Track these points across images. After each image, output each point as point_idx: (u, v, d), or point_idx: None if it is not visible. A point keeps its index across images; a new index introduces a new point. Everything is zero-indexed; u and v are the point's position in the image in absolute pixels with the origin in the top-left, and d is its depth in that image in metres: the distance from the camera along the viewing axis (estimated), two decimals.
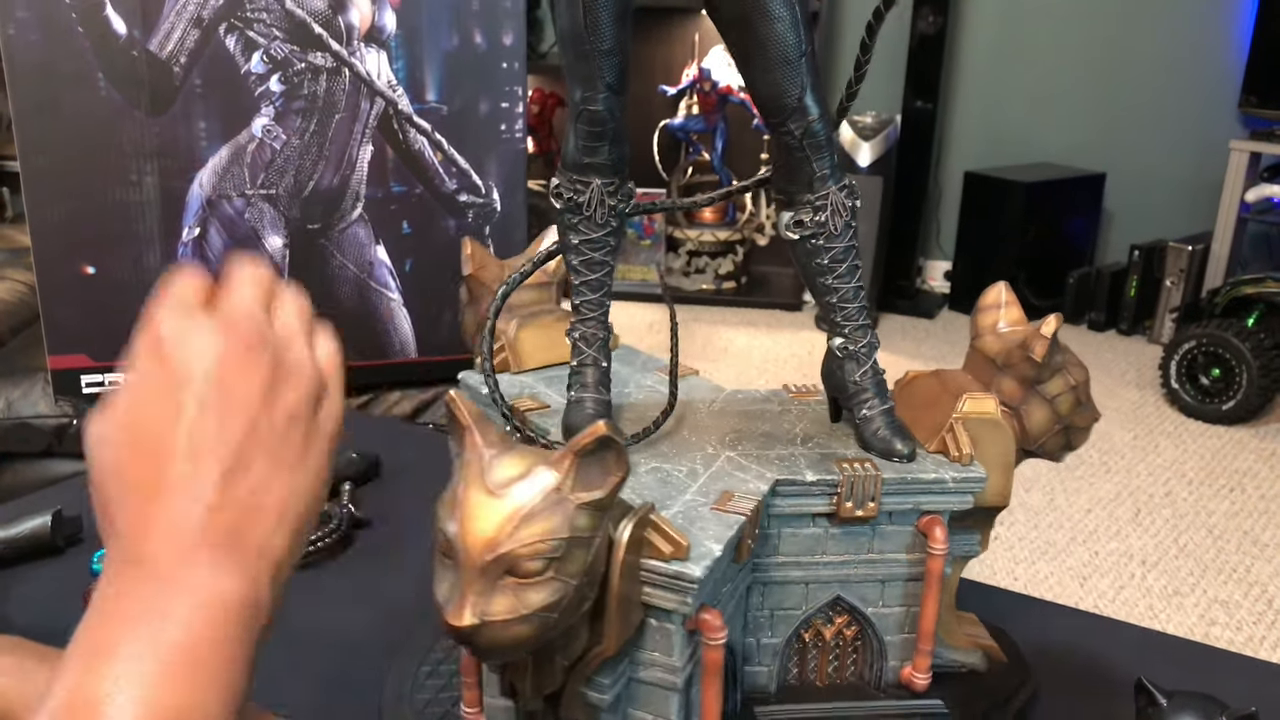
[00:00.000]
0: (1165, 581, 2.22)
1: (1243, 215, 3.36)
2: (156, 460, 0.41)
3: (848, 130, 3.53)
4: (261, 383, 0.44)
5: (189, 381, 0.42)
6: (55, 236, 1.28)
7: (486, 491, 0.49)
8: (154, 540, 0.40)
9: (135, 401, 0.43)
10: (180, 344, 0.43)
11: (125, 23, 1.24)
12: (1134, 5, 3.74)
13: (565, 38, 0.61)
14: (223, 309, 0.45)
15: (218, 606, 0.39)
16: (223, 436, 0.42)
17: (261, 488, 0.43)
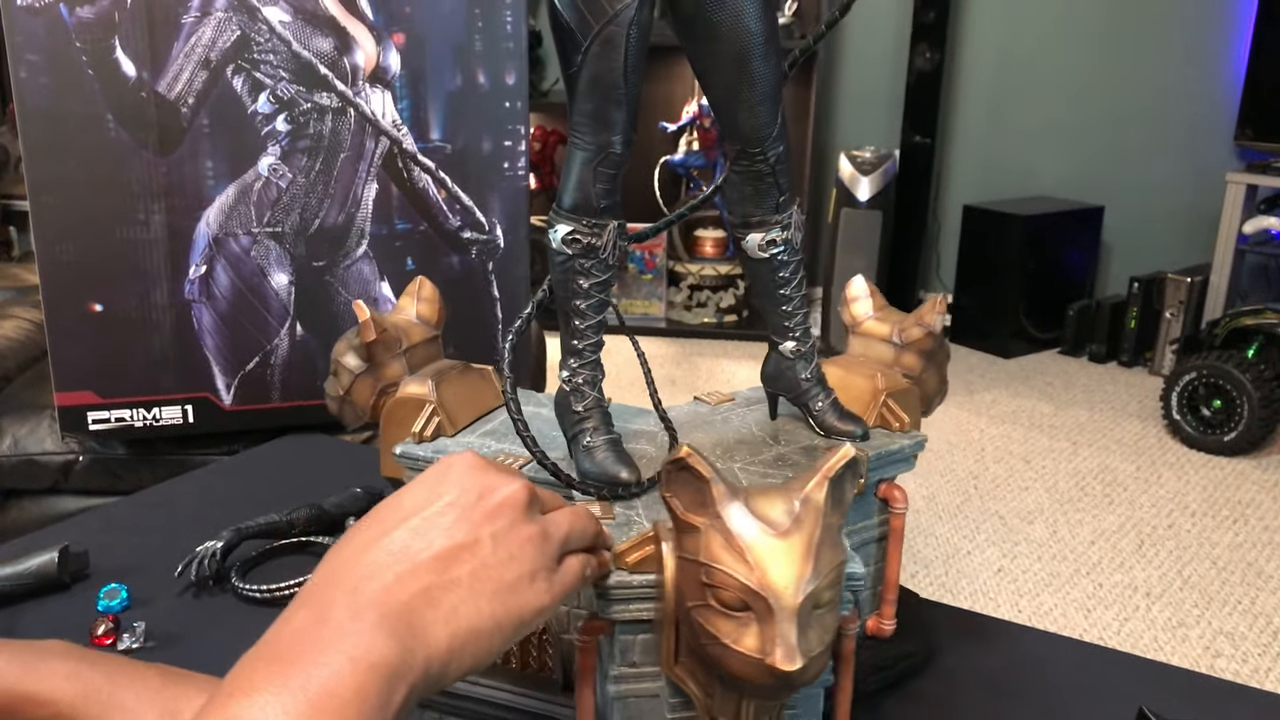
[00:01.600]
0: (1170, 613, 2.21)
1: (1240, 247, 3.38)
2: (383, 526, 0.47)
3: (847, 165, 3.56)
4: (508, 522, 0.49)
5: (455, 485, 0.49)
6: (64, 274, 1.29)
7: (775, 535, 0.49)
8: (339, 589, 0.44)
9: (405, 490, 0.50)
10: (467, 467, 0.50)
11: (134, 64, 1.27)
12: (1129, 40, 3.78)
13: (595, 84, 0.61)
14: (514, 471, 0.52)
15: (368, 665, 0.41)
16: (449, 531, 0.47)
17: (450, 588, 0.46)
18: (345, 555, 0.47)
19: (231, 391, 1.38)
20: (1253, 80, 3.44)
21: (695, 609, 0.50)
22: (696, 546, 0.49)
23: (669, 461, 0.50)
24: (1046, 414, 3.30)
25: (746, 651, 0.48)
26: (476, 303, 1.44)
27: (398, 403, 0.73)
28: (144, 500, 1.11)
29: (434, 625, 0.45)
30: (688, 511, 0.50)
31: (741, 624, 0.48)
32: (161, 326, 1.33)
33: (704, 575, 0.49)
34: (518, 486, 0.50)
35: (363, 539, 0.47)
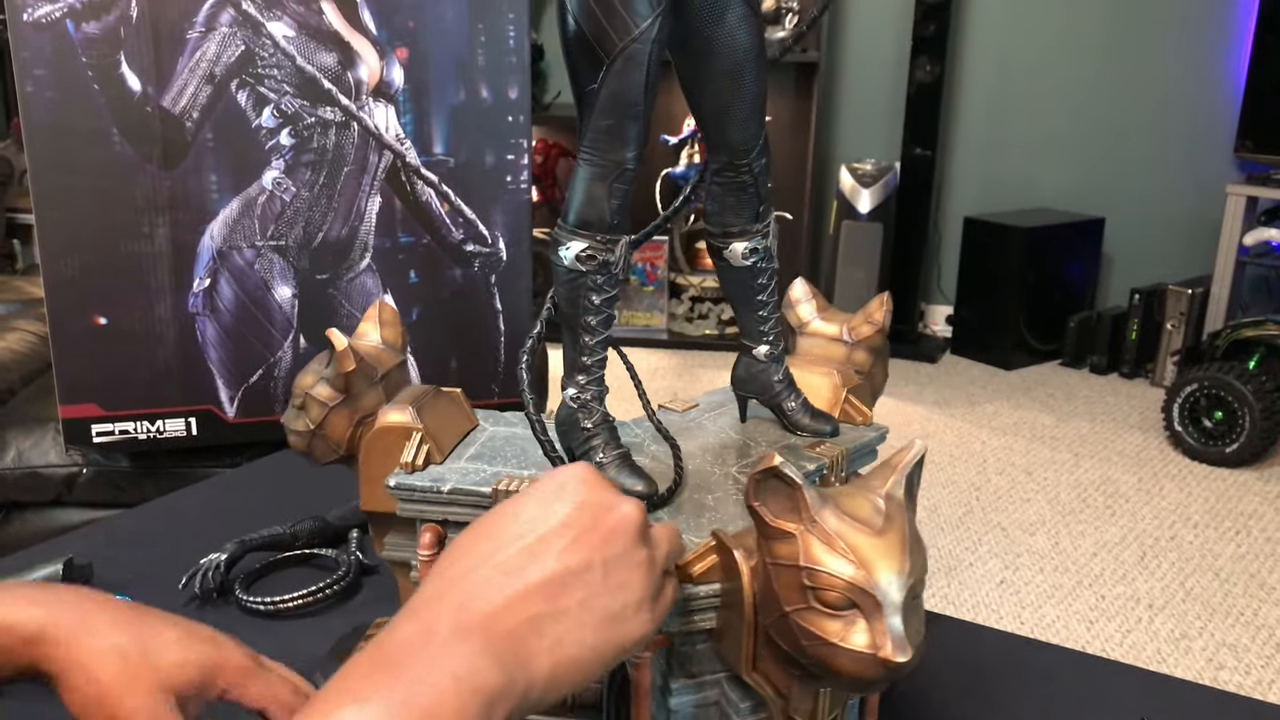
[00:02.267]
0: (1173, 625, 2.21)
1: (1241, 258, 3.39)
2: (496, 541, 0.47)
3: (848, 177, 3.57)
4: (621, 549, 0.49)
5: (573, 505, 0.49)
6: (68, 288, 1.29)
7: (872, 533, 0.50)
8: (448, 603, 0.45)
9: (519, 501, 0.49)
10: (583, 485, 0.50)
11: (140, 79, 1.27)
12: (1129, 52, 3.80)
13: (615, 101, 0.61)
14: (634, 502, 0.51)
15: (471, 688, 0.42)
16: (561, 557, 0.47)
17: (558, 617, 0.46)
18: (457, 568, 0.47)
19: (235, 404, 1.38)
20: (1252, 92, 3.45)
21: (795, 613, 0.50)
22: (792, 552, 0.50)
23: (758, 471, 0.50)
24: (1048, 425, 3.30)
25: (858, 649, 0.49)
26: (479, 315, 1.45)
27: (380, 433, 0.70)
28: (147, 513, 1.11)
29: (538, 655, 0.45)
30: (777, 518, 0.51)
31: (848, 622, 0.49)
32: (165, 339, 1.34)
33: (806, 579, 0.49)
34: (632, 508, 0.50)
35: (476, 552, 0.47)
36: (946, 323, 4.09)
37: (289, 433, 0.73)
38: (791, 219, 3.88)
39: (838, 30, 4.03)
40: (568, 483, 0.50)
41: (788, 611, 0.50)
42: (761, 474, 0.50)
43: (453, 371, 1.46)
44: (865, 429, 0.77)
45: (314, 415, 0.71)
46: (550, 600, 0.46)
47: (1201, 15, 3.67)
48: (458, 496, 0.65)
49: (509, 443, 0.73)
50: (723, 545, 0.55)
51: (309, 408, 0.71)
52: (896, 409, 3.39)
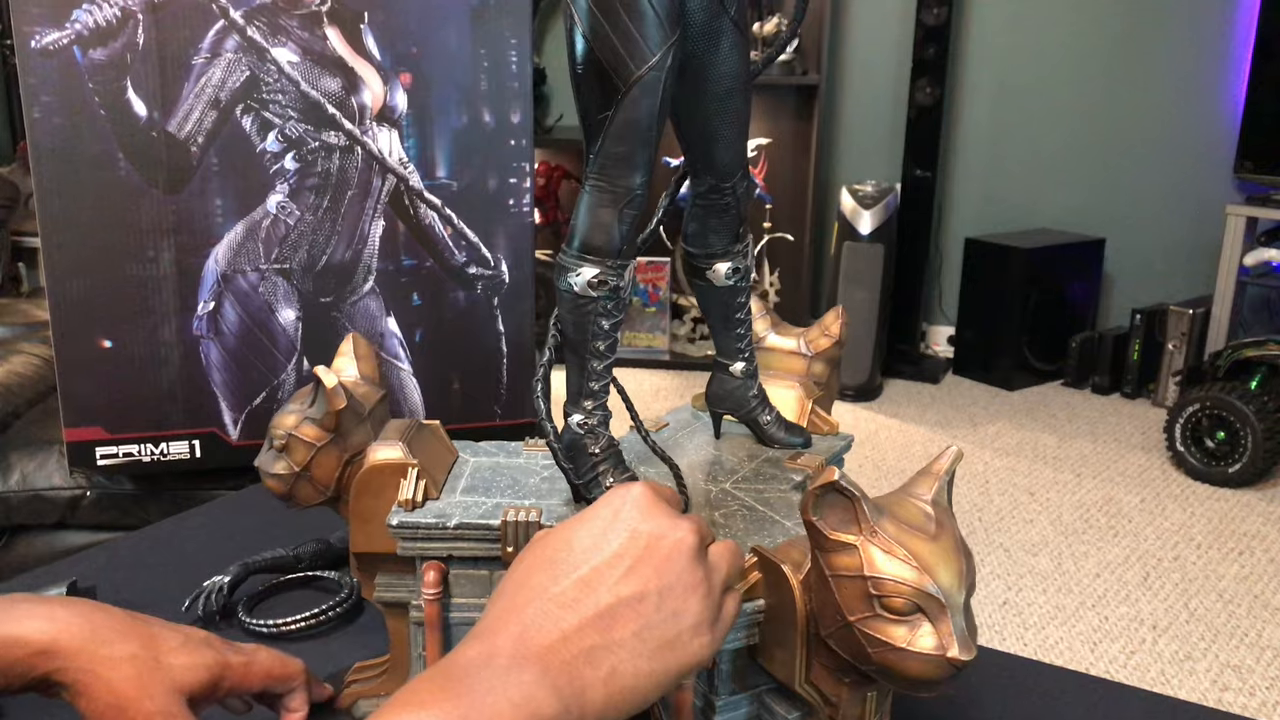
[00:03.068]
0: (1176, 646, 2.20)
1: (1242, 279, 3.39)
2: (557, 575, 0.48)
3: (848, 199, 3.59)
4: (676, 575, 0.49)
5: (626, 532, 0.50)
6: (74, 311, 1.30)
7: (929, 539, 0.52)
8: (508, 633, 0.46)
9: (575, 527, 0.50)
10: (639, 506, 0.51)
11: (146, 105, 1.29)
12: (1128, 74, 3.82)
13: (629, 128, 0.62)
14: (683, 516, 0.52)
15: (526, 712, 0.44)
16: (615, 588, 0.48)
17: (613, 649, 0.47)
18: (517, 598, 0.48)
19: (238, 426, 1.39)
20: (1251, 113, 3.47)
21: (861, 621, 0.51)
22: (854, 563, 0.51)
23: (818, 486, 0.52)
24: (1050, 446, 3.30)
25: (926, 651, 0.50)
26: (481, 337, 1.46)
27: (371, 471, 0.68)
28: (151, 535, 1.11)
29: (593, 686, 0.46)
30: (835, 531, 0.52)
31: (913, 626, 0.50)
32: (170, 362, 1.35)
33: (871, 588, 0.51)
34: (686, 531, 0.51)
35: (532, 584, 0.48)
36: (948, 343, 4.10)
37: (267, 476, 0.70)
38: (793, 240, 3.89)
39: (838, 53, 4.05)
40: (622, 509, 0.51)
41: (852, 621, 0.51)
42: (821, 489, 0.52)
43: (455, 393, 1.46)
44: (834, 438, 0.80)
45: (299, 457, 0.68)
46: (604, 632, 0.47)
47: (1200, 37, 3.69)
48: (464, 531, 0.64)
49: (497, 473, 0.72)
50: (768, 561, 0.56)
51: (293, 449, 0.68)
52: (899, 429, 3.39)
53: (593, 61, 0.60)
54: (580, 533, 0.50)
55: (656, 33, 0.60)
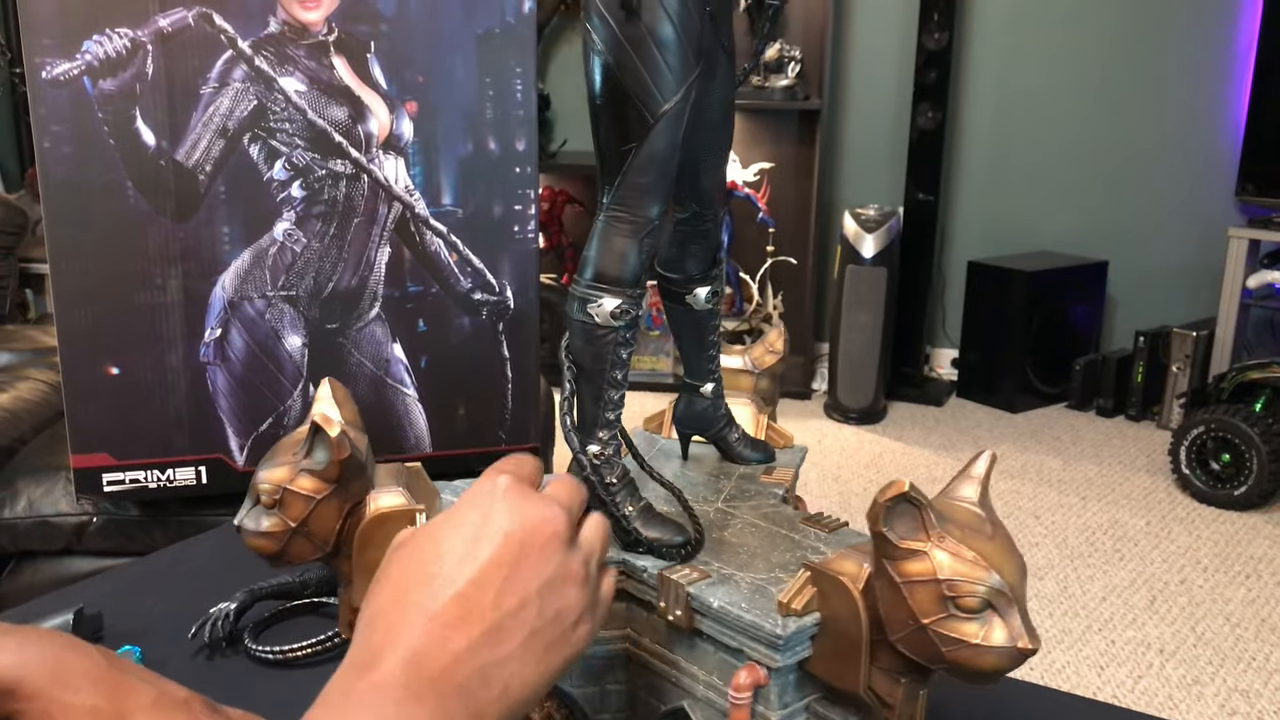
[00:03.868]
0: (1184, 671, 2.19)
1: (1245, 301, 3.40)
2: (435, 590, 0.47)
3: (851, 223, 3.60)
4: (552, 570, 0.49)
5: (496, 536, 0.48)
6: (82, 338, 1.31)
7: (988, 538, 0.55)
8: (396, 658, 0.45)
9: (443, 530, 0.48)
10: (505, 501, 0.49)
11: (154, 134, 1.30)
12: (1129, 98, 3.84)
13: (653, 159, 0.62)
14: (548, 493, 0.51)
15: None
16: (496, 601, 0.47)
17: (503, 664, 0.47)
18: (396, 615, 0.47)
19: (244, 452, 1.39)
20: (1252, 136, 3.48)
21: (936, 623, 0.53)
22: (926, 568, 0.53)
23: (890, 498, 0.54)
24: (1055, 469, 3.29)
25: (1000, 644, 0.53)
26: (487, 362, 1.46)
27: (375, 521, 0.65)
28: (157, 561, 1.12)
29: (489, 705, 0.46)
30: (904, 539, 0.54)
31: (984, 623, 0.53)
32: (177, 389, 1.35)
33: (946, 590, 0.53)
34: (556, 520, 0.50)
35: (412, 600, 0.47)
36: (952, 366, 4.10)
37: (253, 536, 0.65)
38: (796, 264, 3.90)
39: (840, 78, 4.08)
40: (490, 510, 0.49)
41: (926, 623, 0.53)
42: (893, 500, 0.54)
43: (460, 419, 1.47)
44: (791, 451, 0.82)
45: (295, 512, 0.64)
46: (493, 648, 0.47)
47: (1201, 59, 3.71)
48: None
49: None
50: (824, 575, 0.58)
51: (288, 504, 0.64)
52: (904, 452, 3.39)
53: (618, 94, 0.60)
54: (451, 539, 0.48)
55: (683, 65, 0.60)
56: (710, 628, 0.61)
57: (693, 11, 0.60)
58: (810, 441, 3.49)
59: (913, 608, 0.54)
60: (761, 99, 3.89)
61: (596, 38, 0.61)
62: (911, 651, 0.55)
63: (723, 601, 0.60)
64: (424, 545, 0.49)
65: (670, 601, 0.62)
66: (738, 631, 0.60)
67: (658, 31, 0.60)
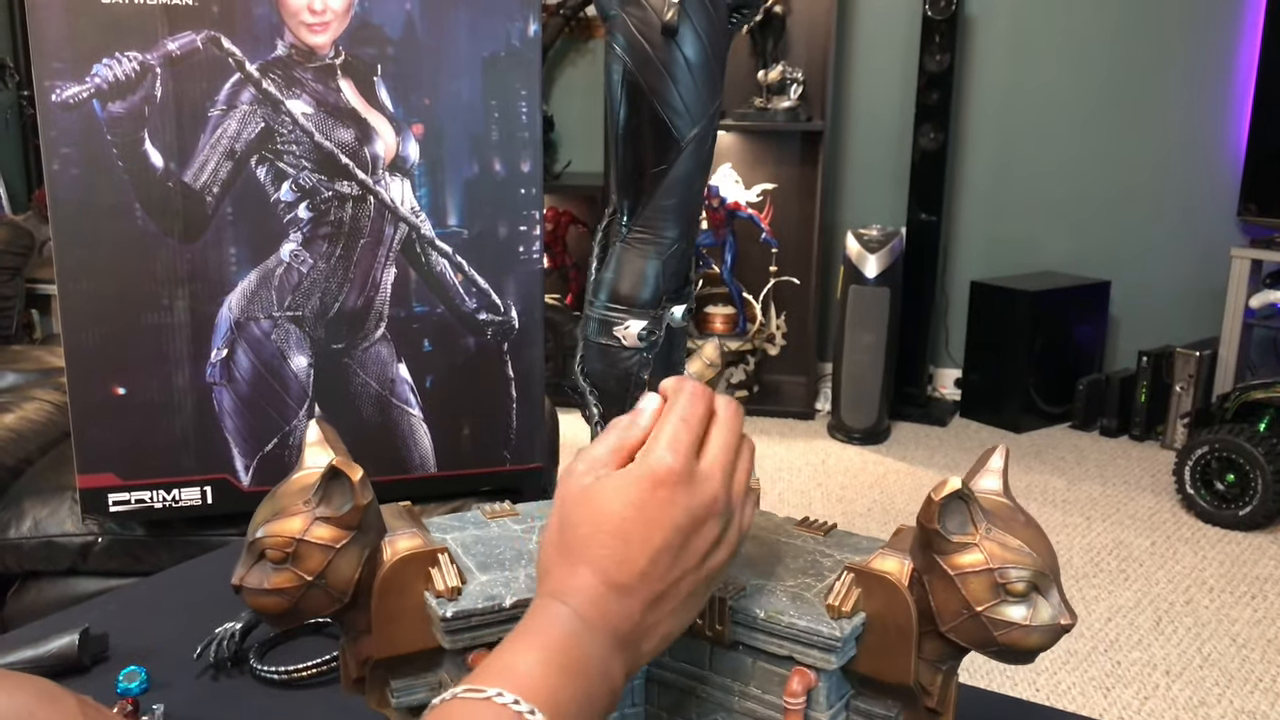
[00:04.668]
0: (1190, 692, 2.18)
1: (1248, 321, 3.40)
2: (620, 564, 0.53)
3: (854, 243, 3.61)
4: (709, 544, 0.55)
5: (669, 527, 0.53)
6: (89, 359, 1.32)
7: (1024, 524, 0.58)
8: (588, 604, 0.52)
9: (622, 507, 0.53)
10: (674, 490, 0.54)
11: (162, 156, 1.31)
12: (1130, 118, 3.85)
13: (681, 181, 0.62)
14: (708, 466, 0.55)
15: (606, 681, 0.51)
16: (665, 576, 0.53)
17: (663, 620, 0.54)
18: (584, 568, 0.53)
19: (250, 472, 1.40)
20: (1253, 156, 3.50)
21: (988, 609, 0.56)
22: (978, 559, 0.57)
23: (944, 496, 0.56)
24: (1059, 489, 3.29)
25: (1046, 623, 0.56)
26: (491, 382, 1.47)
27: (398, 566, 0.62)
28: (163, 581, 1.12)
29: (649, 650, 0.55)
30: (954, 534, 0.57)
31: (1030, 604, 0.56)
32: (183, 409, 1.36)
33: (999, 577, 0.56)
34: (714, 499, 0.54)
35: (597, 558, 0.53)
36: (955, 386, 4.10)
37: (261, 595, 0.60)
38: (799, 284, 3.91)
39: (843, 99, 4.10)
40: (664, 502, 0.54)
41: (980, 611, 0.56)
42: (946, 498, 0.56)
43: (465, 439, 1.47)
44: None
45: (312, 564, 0.60)
46: (658, 608, 0.54)
47: (1202, 79, 3.73)
48: (519, 610, 0.60)
49: (487, 545, 0.68)
50: (869, 574, 0.60)
51: (303, 557, 0.59)
52: (908, 472, 3.39)
53: (654, 119, 0.60)
54: (626, 515, 0.53)
55: (711, 88, 0.60)
56: (753, 639, 0.62)
57: (721, 34, 0.60)
58: (814, 462, 3.49)
59: (966, 597, 0.57)
60: (764, 120, 3.91)
61: (628, 61, 0.60)
62: (963, 638, 0.58)
63: (769, 611, 0.61)
64: (605, 516, 0.53)
65: (709, 617, 0.63)
66: (789, 639, 0.61)
67: (691, 55, 0.60)
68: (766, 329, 3.95)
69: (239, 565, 0.61)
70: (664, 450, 0.54)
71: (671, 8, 0.58)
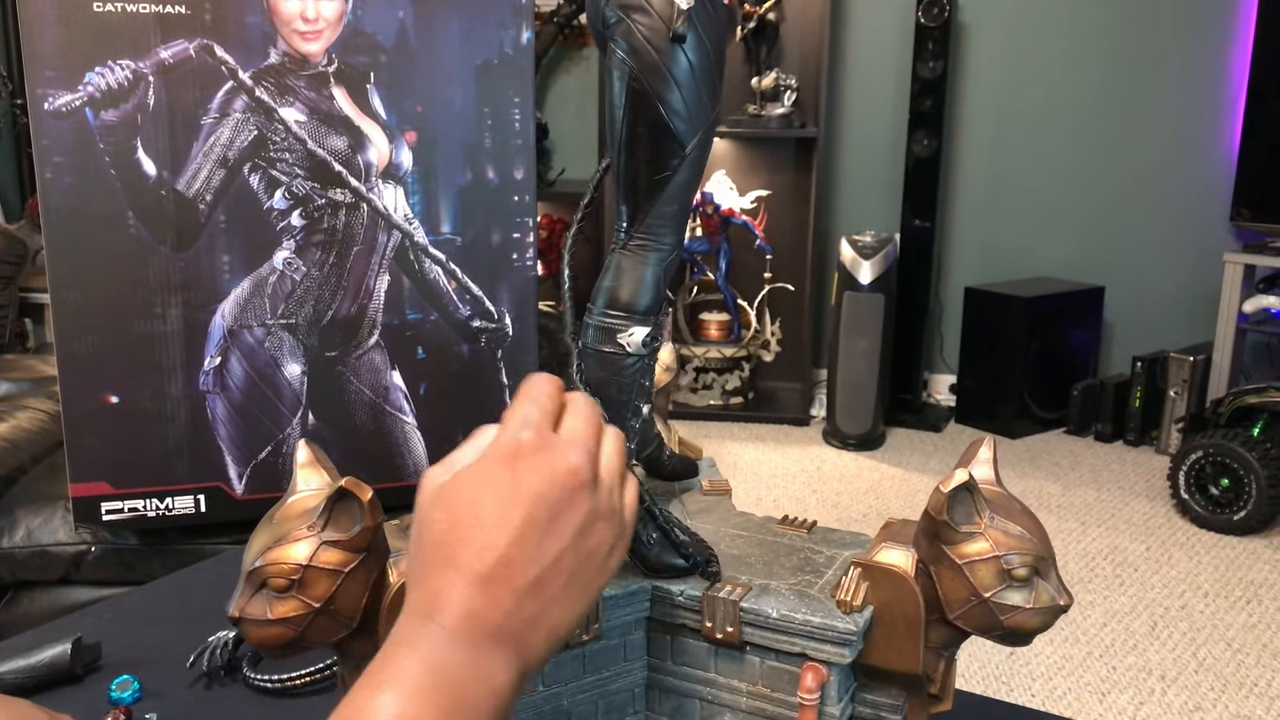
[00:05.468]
0: (1186, 697, 2.18)
1: (1241, 326, 3.41)
2: (479, 552, 0.49)
3: (848, 249, 3.62)
4: (582, 518, 0.51)
5: (528, 498, 0.50)
6: (82, 368, 1.31)
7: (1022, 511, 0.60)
8: (454, 611, 0.48)
9: (476, 489, 0.50)
10: (530, 459, 0.50)
11: (155, 164, 1.31)
12: (1123, 124, 3.86)
13: (685, 186, 0.62)
14: (567, 436, 0.52)
15: (487, 687, 0.48)
16: (536, 556, 0.49)
17: (548, 609, 0.50)
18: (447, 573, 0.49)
19: (243, 481, 1.39)
20: (1246, 161, 3.51)
21: (995, 595, 0.58)
22: (984, 547, 0.58)
23: (954, 488, 0.58)
24: (1054, 494, 3.29)
25: (1046, 605, 0.58)
26: (485, 390, 1.47)
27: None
28: (156, 590, 1.11)
29: (536, 645, 0.50)
30: (961, 524, 0.59)
31: (1030, 588, 0.58)
32: (176, 417, 1.36)
33: (1004, 564, 0.58)
34: (579, 465, 0.51)
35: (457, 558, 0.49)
36: (950, 391, 4.10)
37: (262, 626, 0.57)
38: (793, 290, 3.91)
39: (836, 106, 4.11)
40: (519, 473, 0.50)
41: (987, 597, 0.58)
42: (955, 490, 0.58)
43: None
44: (705, 461, 0.84)
45: (320, 590, 0.57)
46: (537, 597, 0.50)
47: (1194, 85, 3.74)
48: None
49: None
50: (876, 568, 0.61)
51: (310, 583, 0.57)
52: (903, 478, 3.39)
53: (661, 125, 0.60)
54: (486, 500, 0.50)
55: (713, 94, 0.61)
56: (764, 638, 0.63)
57: (723, 40, 0.61)
58: (809, 468, 3.49)
59: (974, 584, 0.58)
60: (758, 127, 3.92)
61: (634, 68, 0.59)
62: (970, 624, 0.60)
63: (782, 610, 0.62)
64: (459, 504, 0.50)
65: (718, 620, 0.63)
66: (802, 636, 0.62)
67: (697, 62, 0.60)
68: (761, 335, 3.95)
69: (236, 596, 0.58)
70: (514, 428, 0.51)
71: (681, 15, 0.58)
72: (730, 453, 3.62)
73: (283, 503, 0.61)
